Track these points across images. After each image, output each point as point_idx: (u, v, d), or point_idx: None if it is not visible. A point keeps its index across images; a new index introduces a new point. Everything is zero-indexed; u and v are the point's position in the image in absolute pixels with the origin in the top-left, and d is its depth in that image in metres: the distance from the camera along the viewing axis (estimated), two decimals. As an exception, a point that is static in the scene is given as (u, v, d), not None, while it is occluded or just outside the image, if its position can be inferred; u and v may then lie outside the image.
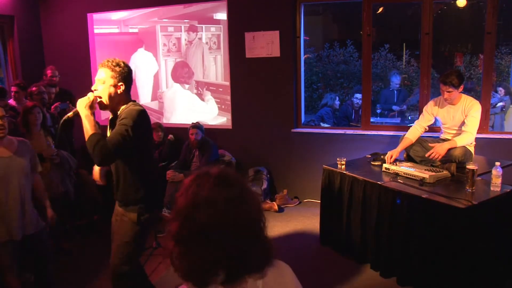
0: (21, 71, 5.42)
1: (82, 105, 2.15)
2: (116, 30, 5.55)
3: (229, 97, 5.08)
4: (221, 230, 1.01)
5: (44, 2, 5.71)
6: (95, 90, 2.20)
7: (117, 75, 2.19)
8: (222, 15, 4.97)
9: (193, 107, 5.31)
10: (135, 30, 5.45)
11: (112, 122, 2.27)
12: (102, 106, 2.22)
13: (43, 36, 5.80)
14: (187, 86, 5.32)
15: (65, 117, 2.29)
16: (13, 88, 4.41)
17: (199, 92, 5.26)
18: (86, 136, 2.11)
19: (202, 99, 5.26)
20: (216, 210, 1.02)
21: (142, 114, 2.19)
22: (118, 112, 2.23)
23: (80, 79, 5.44)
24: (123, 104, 2.24)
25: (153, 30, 5.33)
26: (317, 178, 3.95)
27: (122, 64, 2.22)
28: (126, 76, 2.23)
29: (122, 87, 2.21)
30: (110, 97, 2.20)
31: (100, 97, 2.19)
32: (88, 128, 2.11)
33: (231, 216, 1.02)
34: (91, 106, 2.17)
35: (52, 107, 4.21)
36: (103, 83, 2.19)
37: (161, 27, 5.29)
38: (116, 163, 2.27)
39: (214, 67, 5.13)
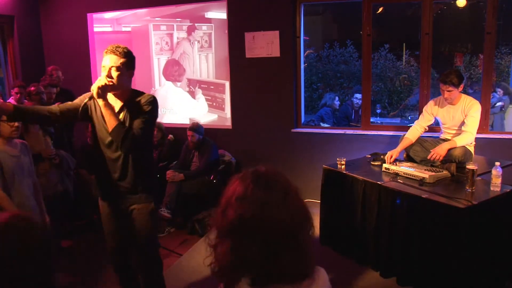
0: (21, 71, 5.42)
1: (98, 92, 2.10)
2: (109, 29, 5.59)
3: (220, 95, 5.13)
4: (248, 230, 0.98)
5: (44, 2, 5.71)
6: (108, 76, 2.16)
7: (129, 62, 2.21)
8: (213, 14, 5.02)
9: (185, 104, 5.35)
10: (128, 29, 5.48)
11: (125, 108, 2.23)
12: (111, 89, 2.18)
13: (43, 36, 5.80)
14: (178, 84, 5.36)
15: (83, 104, 2.22)
16: (15, 90, 4.41)
17: (191, 90, 5.30)
18: (110, 126, 2.13)
19: (194, 97, 5.30)
20: (246, 208, 0.99)
21: (157, 102, 2.30)
22: (137, 100, 2.24)
23: (80, 79, 5.43)
24: (128, 91, 2.28)
25: (146, 29, 5.36)
26: (317, 178, 3.94)
27: (128, 51, 2.24)
28: (134, 63, 2.29)
29: (132, 74, 2.29)
30: (121, 83, 2.19)
31: (112, 82, 2.16)
32: (110, 118, 2.13)
33: (262, 218, 0.98)
34: (104, 92, 2.13)
35: (53, 107, 4.22)
36: (116, 70, 2.16)
37: (153, 26, 5.33)
38: (125, 156, 2.27)
39: (206, 65, 5.17)
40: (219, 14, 4.99)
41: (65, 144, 4.12)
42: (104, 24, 5.58)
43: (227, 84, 5.06)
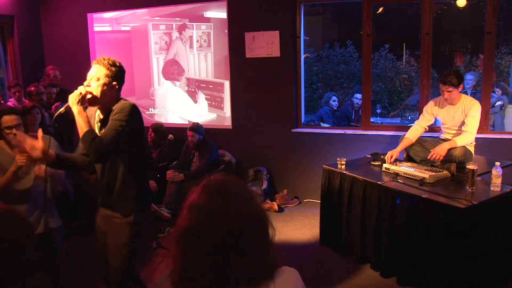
0: (21, 71, 5.43)
1: (73, 100, 2.10)
2: (109, 28, 5.60)
3: (219, 94, 5.14)
4: (204, 238, 0.99)
5: (44, 2, 5.71)
6: (87, 86, 2.16)
7: (112, 74, 2.18)
8: (212, 13, 5.03)
9: (183, 104, 5.37)
10: (127, 28, 5.49)
11: (103, 120, 2.23)
12: (93, 102, 2.18)
13: (43, 36, 5.80)
14: (177, 83, 5.37)
15: (57, 113, 2.23)
16: (14, 89, 4.41)
17: (190, 89, 5.31)
18: (81, 133, 2.09)
19: (193, 96, 5.31)
20: (202, 217, 1.01)
21: (134, 109, 2.18)
22: (113, 108, 2.20)
23: (80, 79, 5.38)
24: (114, 103, 2.21)
25: (145, 28, 5.37)
26: (317, 178, 3.95)
27: (118, 64, 2.22)
28: (120, 76, 2.23)
29: (116, 87, 2.21)
30: (102, 94, 2.16)
31: (91, 93, 2.15)
32: (82, 125, 2.09)
33: (207, 225, 1.00)
34: (83, 101, 2.12)
35: (53, 107, 4.21)
36: (97, 80, 2.16)
37: (152, 25, 5.34)
38: (108, 162, 2.23)
39: (205, 64, 5.18)
40: (218, 13, 5.00)
41: (65, 144, 4.11)
42: (103, 23, 5.59)
43: (226, 83, 5.07)
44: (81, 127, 2.09)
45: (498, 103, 5.56)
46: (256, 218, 1.06)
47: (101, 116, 2.25)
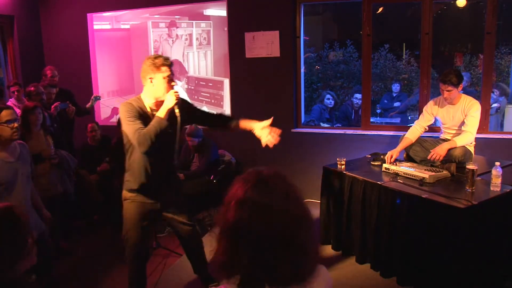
0: (21, 71, 5.42)
1: (174, 103, 2.50)
2: (108, 26, 5.59)
3: (219, 92, 5.14)
4: (244, 234, 1.00)
5: (44, 2, 5.71)
6: (174, 84, 2.56)
7: None
8: (212, 11, 5.04)
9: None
10: (127, 26, 5.49)
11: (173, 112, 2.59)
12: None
13: (43, 36, 5.80)
14: (179, 82, 5.36)
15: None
16: (13, 88, 4.41)
17: (189, 87, 5.30)
18: (162, 125, 2.49)
19: (192, 95, 5.30)
20: (244, 211, 1.00)
21: (124, 107, 2.59)
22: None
23: (80, 79, 5.44)
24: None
25: (145, 26, 5.37)
26: (317, 178, 3.94)
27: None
28: None
29: None
30: None
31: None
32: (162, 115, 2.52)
33: (259, 223, 0.99)
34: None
35: (52, 106, 4.21)
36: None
37: (152, 23, 5.34)
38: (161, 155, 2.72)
39: (204, 62, 5.19)
40: (218, 11, 4.99)
41: (64, 144, 4.11)
42: (102, 21, 5.59)
43: (226, 81, 5.07)
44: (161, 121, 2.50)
45: (495, 105, 5.52)
46: (305, 215, 1.06)
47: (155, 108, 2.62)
